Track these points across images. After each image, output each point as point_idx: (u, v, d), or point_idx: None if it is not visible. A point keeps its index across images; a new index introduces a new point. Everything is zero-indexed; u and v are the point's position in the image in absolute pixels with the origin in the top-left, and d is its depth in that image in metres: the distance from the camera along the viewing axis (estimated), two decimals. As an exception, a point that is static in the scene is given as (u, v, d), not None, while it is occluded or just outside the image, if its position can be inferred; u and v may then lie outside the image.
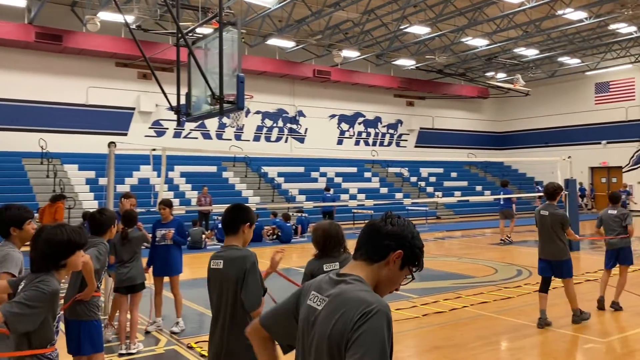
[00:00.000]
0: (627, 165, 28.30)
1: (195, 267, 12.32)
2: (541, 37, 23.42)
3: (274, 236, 16.48)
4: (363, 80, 27.11)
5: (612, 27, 21.80)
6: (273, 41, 22.07)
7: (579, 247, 13.92)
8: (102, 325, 4.87)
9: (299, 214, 18.42)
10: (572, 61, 27.76)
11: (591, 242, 15.66)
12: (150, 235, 6.78)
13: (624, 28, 21.84)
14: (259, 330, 2.06)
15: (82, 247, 3.08)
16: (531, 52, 25.56)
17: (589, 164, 29.53)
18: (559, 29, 21.80)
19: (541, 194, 23.01)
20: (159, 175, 10.15)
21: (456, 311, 7.59)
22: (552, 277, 7.04)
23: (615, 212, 7.76)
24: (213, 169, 22.83)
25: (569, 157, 15.27)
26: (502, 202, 16.31)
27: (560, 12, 19.19)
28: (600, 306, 7.59)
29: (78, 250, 3.02)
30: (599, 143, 29.19)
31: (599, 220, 7.93)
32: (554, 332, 6.55)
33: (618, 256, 7.73)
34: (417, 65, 27.26)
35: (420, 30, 21.45)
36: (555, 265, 6.96)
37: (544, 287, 7.01)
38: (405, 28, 21.18)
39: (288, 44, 22.80)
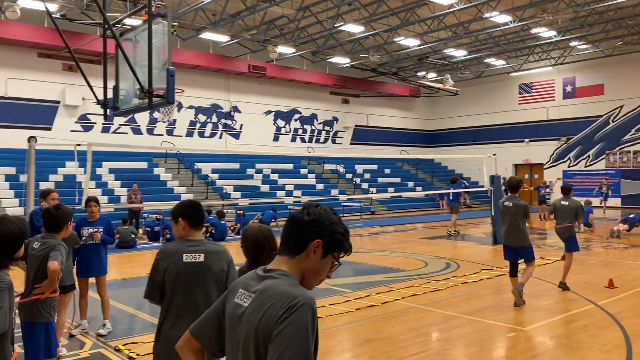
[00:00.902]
0: (547, 162, 30.02)
1: (124, 267, 11.92)
2: (469, 38, 24.35)
3: (208, 234, 16.20)
4: (299, 77, 27.14)
5: (534, 30, 23.00)
6: (207, 35, 21.65)
7: (497, 241, 14.59)
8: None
9: (238, 214, 18.16)
10: (497, 62, 29.06)
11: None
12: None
13: (544, 32, 23.11)
14: (190, 341, 2.00)
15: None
16: (460, 53, 26.53)
17: (513, 161, 31.04)
18: (486, 32, 22.76)
19: (467, 189, 24.24)
20: (85, 172, 9.73)
21: (388, 304, 7.77)
22: (518, 262, 7.97)
23: (567, 203, 8.78)
24: (144, 165, 22.12)
25: (494, 154, 16.01)
26: (450, 198, 16.98)
27: (487, 15, 20.03)
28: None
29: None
30: (522, 141, 30.76)
31: (552, 207, 9.13)
32: (480, 322, 6.84)
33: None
34: (351, 64, 27.62)
35: (354, 28, 21.73)
36: (519, 251, 7.83)
37: (513, 272, 7.92)
38: (340, 26, 21.40)
39: (222, 38, 22.45)
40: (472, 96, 32.80)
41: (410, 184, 29.28)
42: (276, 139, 27.77)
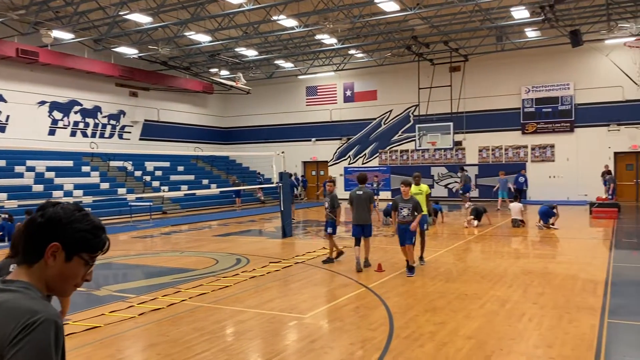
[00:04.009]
0: (331, 159, 32.52)
1: None
2: (259, 39, 25.02)
3: (-36, 243, 13.84)
4: (79, 66, 24.80)
5: (318, 37, 24.65)
6: (-40, 10, 18.43)
7: (291, 233, 15.38)
8: None
9: (3, 218, 15.80)
10: (286, 65, 30.45)
11: (303, 229, 17.52)
12: None
13: (327, 39, 24.93)
14: None
15: None
16: (251, 53, 27.11)
17: (302, 159, 32.95)
18: (275, 34, 23.63)
19: (261, 185, 25.15)
20: None
21: (174, 306, 7.56)
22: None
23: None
24: None
25: (283, 152, 16.76)
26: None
27: (275, 17, 20.80)
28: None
29: None
30: (310, 140, 32.81)
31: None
32: (265, 314, 7.08)
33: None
34: (140, 55, 26.22)
35: (141, 18, 20.61)
36: (364, 228, 10.02)
37: (358, 243, 10.02)
38: (126, 14, 20.11)
39: (-19, 15, 19.33)
40: (264, 96, 33.86)
41: (205, 182, 29.01)
42: (52, 133, 24.96)
